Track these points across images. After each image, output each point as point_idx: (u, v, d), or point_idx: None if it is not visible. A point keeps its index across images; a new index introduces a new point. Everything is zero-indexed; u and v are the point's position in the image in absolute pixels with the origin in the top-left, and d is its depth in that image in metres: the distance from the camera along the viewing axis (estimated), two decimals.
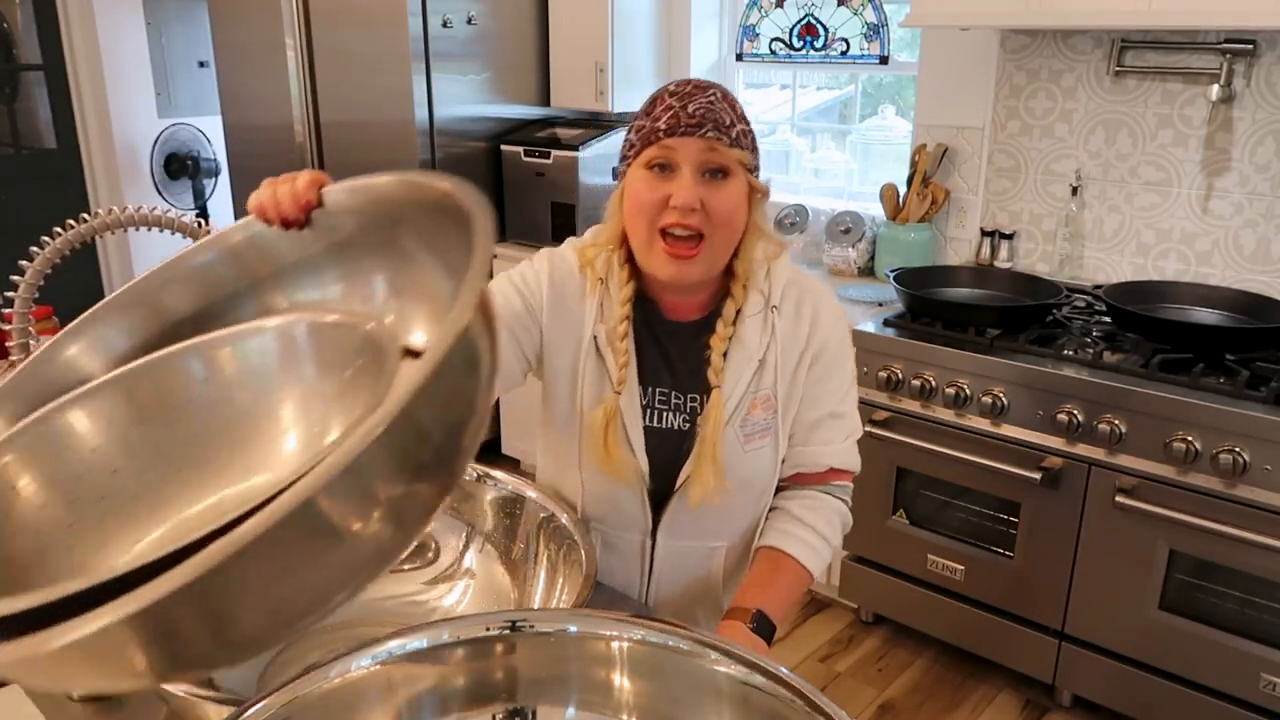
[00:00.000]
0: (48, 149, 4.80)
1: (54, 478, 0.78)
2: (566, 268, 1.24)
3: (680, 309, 1.23)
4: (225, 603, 0.54)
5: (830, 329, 1.23)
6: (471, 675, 0.84)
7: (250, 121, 3.79)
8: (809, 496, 1.26)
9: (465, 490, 1.26)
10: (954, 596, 2.39)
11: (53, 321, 2.98)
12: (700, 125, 1.10)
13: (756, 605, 1.14)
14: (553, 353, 1.24)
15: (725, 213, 1.13)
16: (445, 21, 3.04)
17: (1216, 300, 2.28)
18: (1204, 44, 2.31)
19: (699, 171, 1.12)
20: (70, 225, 0.92)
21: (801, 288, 1.24)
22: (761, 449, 1.23)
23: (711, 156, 1.11)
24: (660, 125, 1.11)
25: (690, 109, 1.11)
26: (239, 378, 0.86)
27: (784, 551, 1.21)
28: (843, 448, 1.27)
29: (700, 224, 1.12)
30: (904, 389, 2.31)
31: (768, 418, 1.22)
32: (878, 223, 2.87)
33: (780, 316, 1.21)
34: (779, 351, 1.21)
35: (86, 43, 4.64)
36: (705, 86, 1.13)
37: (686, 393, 1.22)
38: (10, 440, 0.78)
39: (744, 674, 0.79)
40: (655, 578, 1.30)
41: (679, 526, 1.26)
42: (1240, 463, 1.87)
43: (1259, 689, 1.96)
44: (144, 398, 0.84)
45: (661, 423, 1.23)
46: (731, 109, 1.13)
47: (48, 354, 0.85)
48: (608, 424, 1.19)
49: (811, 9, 3.07)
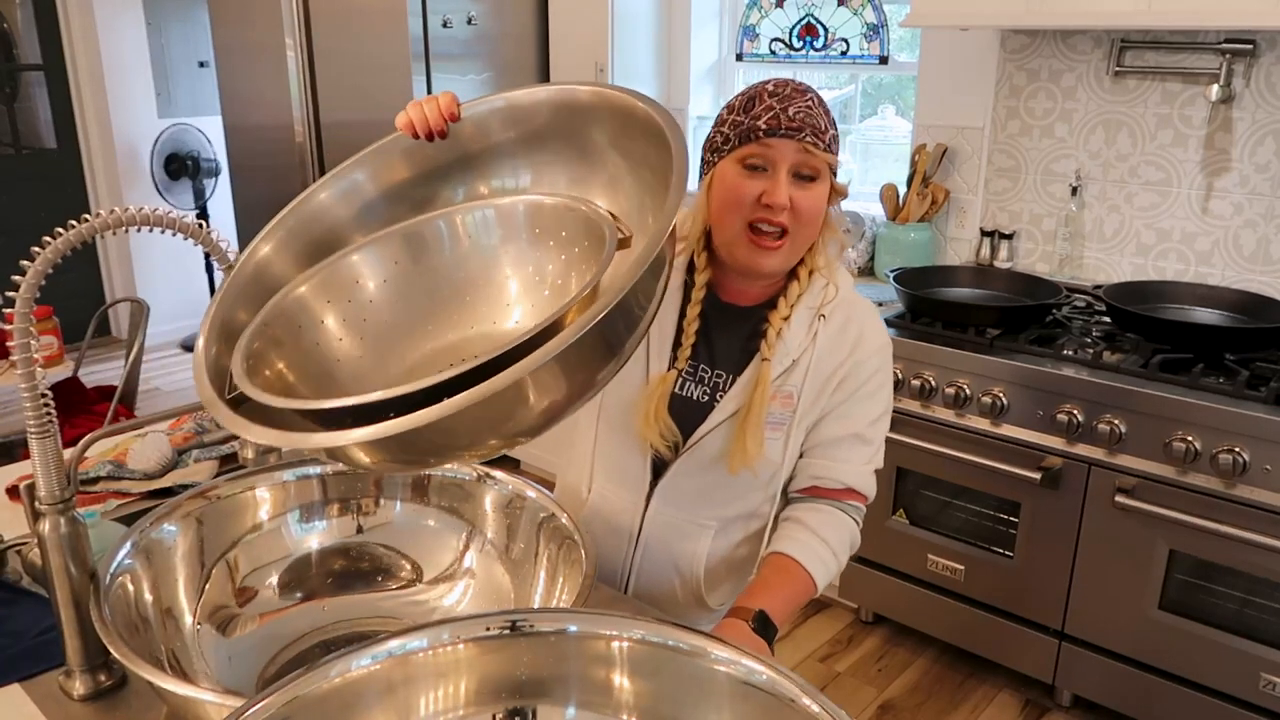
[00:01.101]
0: (48, 149, 4.80)
1: (346, 314, 1.02)
2: None
3: (740, 294, 1.27)
4: (513, 408, 0.79)
5: (871, 354, 1.27)
6: (471, 675, 0.84)
7: (250, 121, 3.79)
8: (824, 510, 1.27)
9: (465, 490, 1.27)
10: (954, 596, 2.39)
11: (53, 321, 2.99)
12: (800, 129, 1.15)
13: (759, 606, 1.14)
14: None
15: (812, 213, 1.18)
16: (445, 21, 3.05)
17: (1216, 300, 2.29)
18: (1204, 44, 2.31)
19: (792, 173, 1.17)
20: (70, 225, 0.92)
21: (854, 307, 1.28)
22: (772, 439, 1.25)
23: (807, 159, 1.16)
24: (761, 124, 1.16)
25: (791, 112, 1.15)
26: (475, 242, 1.07)
27: (792, 558, 1.22)
28: (863, 470, 1.28)
29: (788, 221, 1.17)
30: (904, 389, 2.31)
31: (785, 413, 1.25)
32: (878, 223, 2.87)
33: (826, 327, 1.25)
34: (814, 357, 1.24)
35: (86, 43, 4.64)
36: (804, 90, 1.18)
37: (715, 368, 1.27)
38: (312, 279, 1.01)
39: (744, 674, 0.79)
40: (642, 545, 1.33)
41: (674, 494, 1.29)
42: (1240, 463, 1.87)
43: (1259, 689, 1.96)
44: (408, 253, 1.06)
45: (683, 390, 1.27)
46: (825, 115, 1.18)
47: (309, 196, 1.10)
48: (658, 391, 1.24)
49: (811, 9, 3.07)
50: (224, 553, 1.18)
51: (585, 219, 0.99)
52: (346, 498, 1.27)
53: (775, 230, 1.18)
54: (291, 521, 1.24)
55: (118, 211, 0.94)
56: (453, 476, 1.27)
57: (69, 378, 2.89)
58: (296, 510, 1.25)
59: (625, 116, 0.98)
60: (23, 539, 1.14)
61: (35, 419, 0.96)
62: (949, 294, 2.47)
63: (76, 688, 1.03)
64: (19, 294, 0.91)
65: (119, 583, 1.01)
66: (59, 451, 0.99)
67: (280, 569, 1.21)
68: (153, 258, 5.01)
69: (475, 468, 1.26)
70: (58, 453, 0.99)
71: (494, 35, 3.20)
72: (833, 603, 2.73)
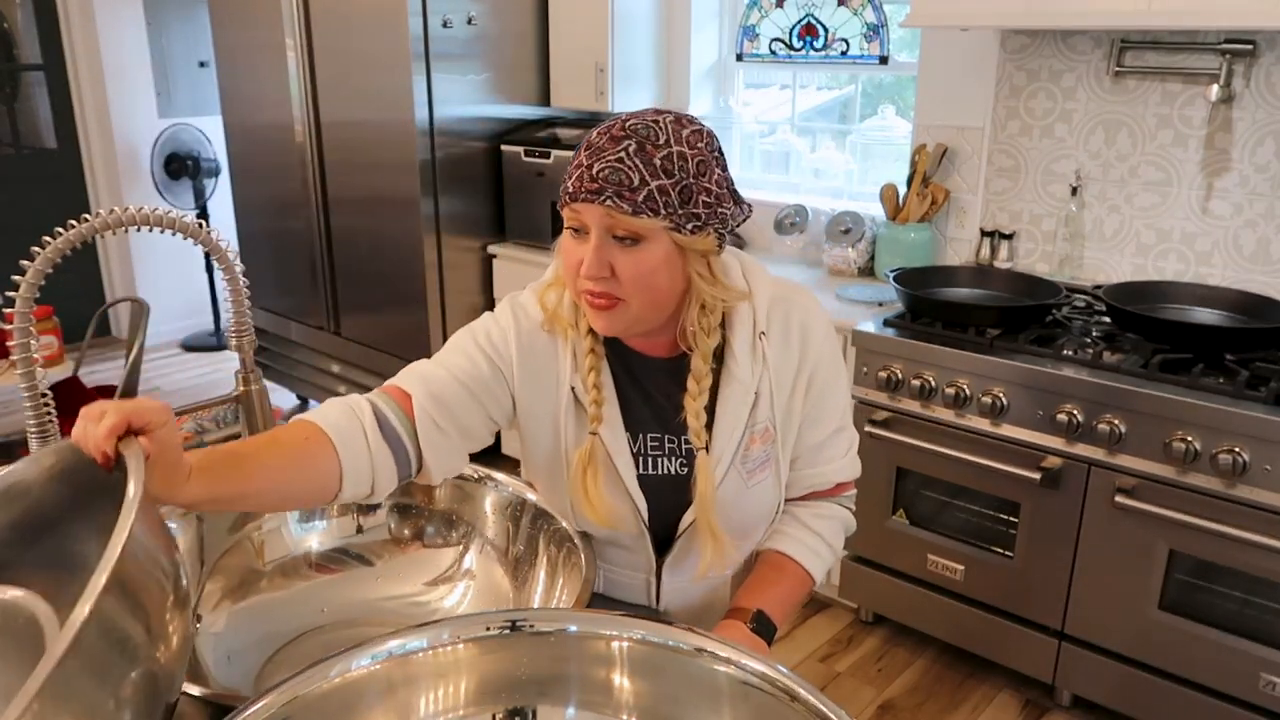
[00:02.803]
0: (48, 149, 4.80)
1: None
2: (531, 322, 1.16)
3: (647, 347, 1.17)
4: None
5: (822, 345, 1.19)
6: (471, 675, 0.84)
7: (250, 121, 3.79)
8: (818, 506, 1.26)
9: (465, 491, 1.27)
10: (954, 596, 2.39)
11: (53, 321, 2.99)
12: (600, 192, 1.01)
13: (757, 605, 1.14)
14: (529, 410, 1.17)
15: (635, 280, 1.04)
16: (445, 21, 3.04)
17: (1216, 300, 2.28)
18: (1204, 44, 2.31)
19: (607, 235, 1.03)
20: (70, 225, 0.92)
21: (788, 304, 1.18)
22: (764, 481, 1.19)
23: (615, 223, 1.02)
24: (569, 186, 1.05)
25: (595, 170, 1.02)
26: None
27: (789, 555, 1.21)
28: (846, 461, 1.26)
29: (611, 289, 1.05)
30: (904, 389, 2.31)
31: (767, 449, 1.18)
32: (878, 223, 2.87)
33: (770, 342, 1.16)
34: (773, 380, 1.16)
35: (86, 43, 4.64)
36: (622, 137, 1.02)
37: (680, 435, 1.16)
38: None
39: (744, 674, 0.80)
40: (664, 608, 1.28)
41: (683, 566, 1.22)
42: (1240, 463, 1.87)
43: (1259, 689, 1.96)
44: None
45: (657, 469, 1.18)
46: (645, 165, 1.01)
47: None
48: (585, 469, 1.14)
49: (811, 9, 3.07)
50: (224, 552, 1.18)
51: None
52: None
53: (602, 298, 1.06)
54: (291, 521, 1.24)
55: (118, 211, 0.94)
56: (453, 477, 1.27)
57: (69, 378, 2.89)
58: (296, 510, 1.25)
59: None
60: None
61: (35, 419, 0.96)
62: (949, 294, 2.47)
63: None
64: (19, 294, 0.91)
65: None
66: None
67: (280, 568, 1.21)
68: (153, 258, 5.01)
69: (476, 469, 1.27)
70: None
71: (494, 35, 3.20)
72: (833, 603, 2.73)
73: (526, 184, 3.24)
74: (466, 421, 1.13)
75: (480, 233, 3.36)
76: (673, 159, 1.02)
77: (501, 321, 1.17)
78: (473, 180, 3.28)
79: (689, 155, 1.03)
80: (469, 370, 1.13)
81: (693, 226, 1.04)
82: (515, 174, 3.27)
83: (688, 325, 1.11)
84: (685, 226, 1.03)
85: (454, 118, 3.17)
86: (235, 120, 3.90)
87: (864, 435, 2.35)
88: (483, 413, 1.15)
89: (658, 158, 1.01)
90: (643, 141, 1.02)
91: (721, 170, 1.08)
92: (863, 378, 2.37)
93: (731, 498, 1.16)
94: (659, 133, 1.03)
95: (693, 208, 1.03)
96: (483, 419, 1.15)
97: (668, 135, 1.03)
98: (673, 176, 1.02)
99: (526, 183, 3.23)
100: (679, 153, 1.03)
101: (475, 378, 1.13)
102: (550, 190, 3.16)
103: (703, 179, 1.04)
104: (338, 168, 3.41)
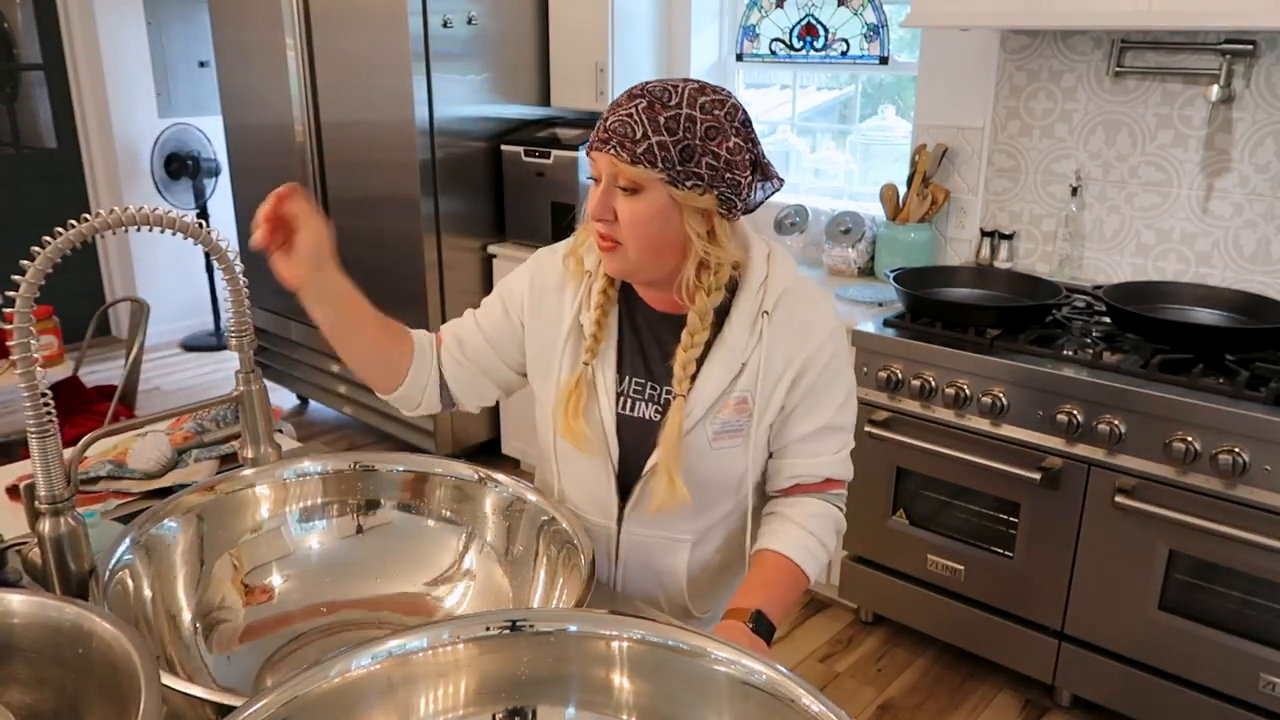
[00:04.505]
0: (48, 149, 4.80)
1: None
2: (551, 264, 1.30)
3: (656, 300, 1.26)
4: None
5: (824, 343, 1.23)
6: (471, 675, 0.84)
7: (250, 121, 3.79)
8: (808, 504, 1.27)
9: (465, 492, 1.27)
10: (954, 596, 2.39)
11: (53, 321, 2.99)
12: (607, 141, 1.12)
13: (755, 605, 1.14)
14: (535, 342, 1.30)
15: (631, 225, 1.14)
16: (445, 21, 3.05)
17: (1216, 300, 2.28)
18: (1204, 44, 2.31)
19: (613, 183, 1.14)
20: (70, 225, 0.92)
21: (800, 297, 1.24)
22: (731, 448, 1.24)
23: (618, 171, 1.12)
24: (591, 138, 1.16)
25: (609, 122, 1.12)
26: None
27: (783, 554, 1.22)
28: (838, 458, 1.28)
29: (614, 232, 1.16)
30: (904, 389, 2.31)
31: (741, 419, 1.23)
32: (878, 223, 2.87)
33: (771, 324, 1.22)
34: (764, 357, 1.21)
35: (86, 43, 4.64)
36: (638, 95, 1.12)
37: (662, 384, 1.25)
38: None
39: (744, 674, 0.80)
40: (623, 564, 1.32)
41: (645, 515, 1.28)
42: (1240, 463, 1.87)
43: (1259, 689, 1.96)
44: None
45: (634, 411, 1.26)
46: (650, 121, 1.10)
47: None
48: (571, 393, 1.24)
49: (811, 9, 3.07)
50: (224, 551, 1.18)
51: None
52: (346, 498, 1.27)
53: (606, 240, 1.17)
54: (291, 521, 1.24)
55: (118, 211, 0.94)
56: (453, 478, 1.27)
57: (69, 377, 2.89)
58: (296, 509, 1.25)
59: None
60: (23, 539, 1.14)
61: (35, 419, 0.96)
62: (949, 294, 2.47)
63: None
64: (19, 294, 0.91)
65: (118, 579, 1.01)
66: (59, 451, 0.99)
67: (280, 568, 1.21)
68: (153, 258, 5.01)
69: (476, 469, 1.27)
70: (58, 452, 0.99)
71: (494, 35, 3.20)
72: (833, 603, 2.73)
73: (526, 184, 3.24)
74: (484, 362, 1.33)
75: (480, 233, 3.36)
76: (679, 120, 1.10)
77: (521, 269, 1.34)
78: (473, 180, 3.28)
79: (698, 119, 1.11)
80: (488, 315, 1.34)
81: (691, 184, 1.12)
82: (515, 174, 3.27)
83: (686, 281, 1.18)
84: (683, 183, 1.12)
85: (454, 118, 3.17)
86: (235, 120, 3.90)
87: (864, 435, 2.36)
88: (499, 353, 1.33)
89: (663, 116, 1.10)
90: (653, 101, 1.11)
91: (741, 140, 1.14)
92: (863, 378, 2.37)
93: (694, 451, 1.23)
94: (673, 95, 1.12)
95: (694, 166, 1.11)
96: (501, 359, 1.34)
97: (680, 99, 1.11)
98: (675, 135, 1.10)
99: (526, 183, 3.23)
100: (688, 115, 1.11)
101: (492, 322, 1.33)
102: (550, 190, 3.16)
103: (711, 143, 1.11)
104: (338, 168, 3.41)
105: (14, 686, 0.89)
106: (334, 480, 1.26)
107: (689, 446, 1.22)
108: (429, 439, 3.44)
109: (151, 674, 0.77)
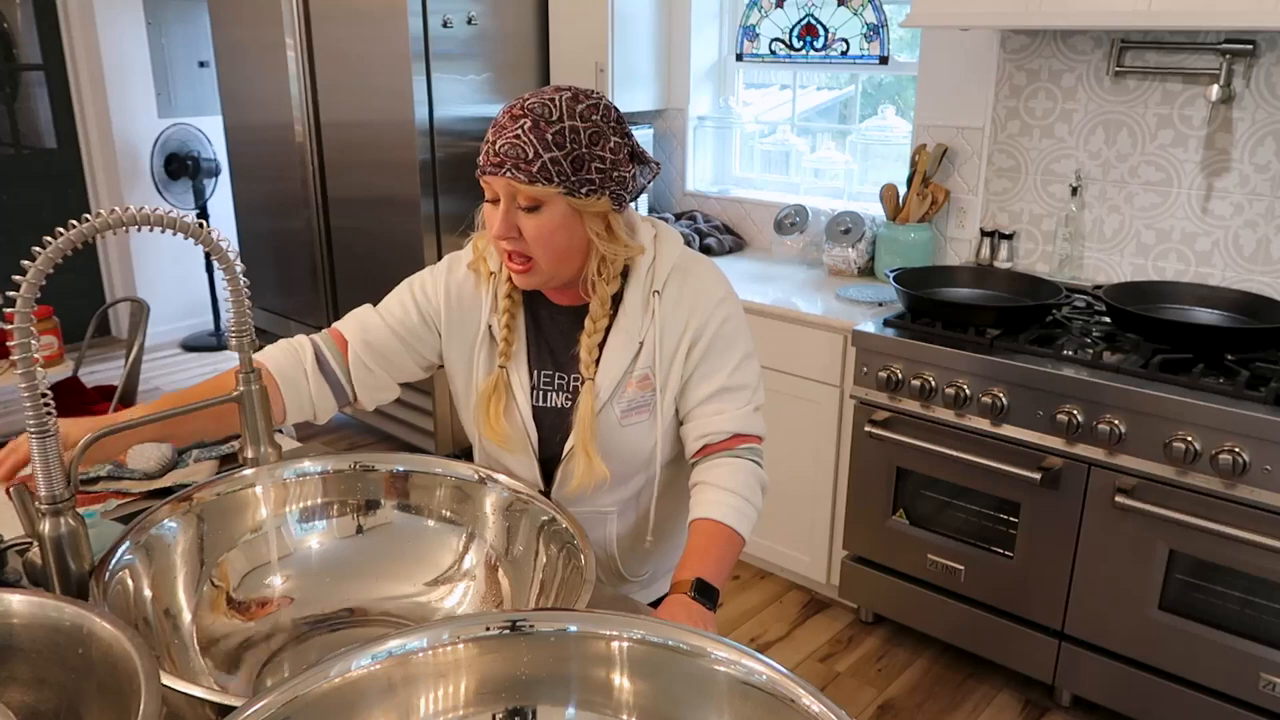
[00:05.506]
0: (48, 149, 4.80)
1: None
2: (461, 274, 1.37)
3: (559, 296, 1.34)
4: None
5: (712, 312, 1.31)
6: (471, 675, 0.84)
7: (250, 121, 3.79)
8: (722, 464, 1.30)
9: (465, 492, 1.27)
10: (954, 596, 2.39)
11: (53, 321, 2.99)
12: (501, 165, 1.18)
13: (695, 574, 1.17)
14: (453, 348, 1.37)
15: (539, 239, 1.21)
16: (445, 21, 3.04)
17: (1216, 300, 2.29)
18: (1204, 44, 2.31)
19: (513, 202, 1.20)
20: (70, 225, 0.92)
21: (687, 273, 1.32)
22: (639, 424, 1.32)
23: (517, 191, 1.19)
24: (480, 161, 1.22)
25: (498, 146, 1.18)
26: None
27: (712, 519, 1.25)
28: (740, 413, 1.32)
29: (521, 248, 1.22)
30: (904, 389, 2.31)
31: (646, 395, 1.32)
32: (878, 223, 2.87)
33: (661, 301, 1.30)
34: (658, 334, 1.30)
35: (86, 43, 4.64)
36: (520, 116, 1.18)
37: (569, 374, 1.34)
38: None
39: (744, 674, 0.80)
40: None
41: (569, 493, 1.35)
42: (1240, 463, 1.87)
43: (1259, 689, 1.96)
44: None
45: (547, 402, 1.35)
46: (539, 140, 1.16)
47: None
48: (490, 397, 1.33)
49: (811, 9, 3.07)
50: (224, 551, 1.18)
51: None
52: (346, 498, 1.27)
53: (518, 260, 1.24)
54: (291, 521, 1.24)
55: (118, 211, 0.94)
56: (453, 478, 1.27)
57: (69, 377, 2.89)
58: (296, 510, 1.25)
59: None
60: (23, 539, 1.14)
61: (35, 419, 0.96)
62: (949, 294, 2.47)
63: None
64: (19, 294, 0.91)
65: (118, 579, 1.01)
66: (59, 451, 0.99)
67: (280, 568, 1.21)
68: (153, 258, 5.01)
69: (476, 469, 1.27)
70: (58, 452, 0.99)
71: (494, 35, 3.20)
72: (833, 603, 2.73)
73: None
74: (396, 363, 1.38)
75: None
76: (564, 133, 1.17)
77: (436, 273, 1.39)
78: (472, 180, 3.27)
79: (581, 129, 1.18)
80: (402, 319, 1.37)
81: (586, 190, 1.20)
82: None
83: (589, 276, 1.28)
84: (579, 191, 1.20)
85: (454, 118, 3.17)
86: (235, 120, 3.90)
87: (864, 435, 2.36)
88: (411, 355, 1.38)
89: (550, 133, 1.17)
90: (537, 119, 1.17)
91: (619, 138, 1.22)
92: (863, 378, 2.37)
93: (606, 430, 1.31)
94: (553, 110, 1.18)
95: (585, 174, 1.19)
96: (412, 360, 1.39)
97: (560, 112, 1.18)
98: (564, 149, 1.17)
99: None
100: (571, 127, 1.18)
101: (407, 326, 1.37)
102: None
103: (595, 148, 1.19)
104: (338, 168, 3.41)
105: (14, 686, 0.89)
106: (334, 480, 1.26)
107: (601, 426, 1.31)
108: (429, 439, 3.45)
109: (151, 674, 0.77)
